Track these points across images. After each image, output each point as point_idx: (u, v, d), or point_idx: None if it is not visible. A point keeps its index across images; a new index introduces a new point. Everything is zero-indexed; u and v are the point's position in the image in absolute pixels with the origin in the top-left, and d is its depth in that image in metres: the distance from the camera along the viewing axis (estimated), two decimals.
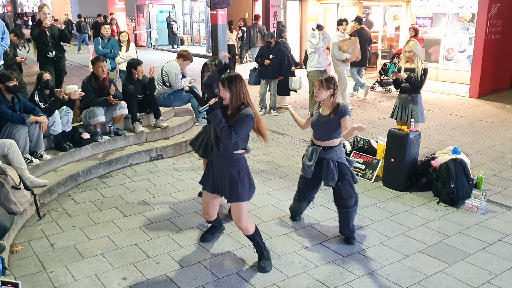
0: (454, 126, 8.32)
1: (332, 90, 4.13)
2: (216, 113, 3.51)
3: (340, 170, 4.18)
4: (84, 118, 6.40)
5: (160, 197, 5.38)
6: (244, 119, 3.52)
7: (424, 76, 5.88)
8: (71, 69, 14.44)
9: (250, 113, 3.54)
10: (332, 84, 4.13)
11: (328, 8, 15.06)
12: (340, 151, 4.23)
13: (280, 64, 9.02)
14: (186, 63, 7.85)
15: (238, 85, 3.55)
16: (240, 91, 3.55)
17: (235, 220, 3.83)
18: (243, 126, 3.53)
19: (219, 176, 3.74)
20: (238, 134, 3.52)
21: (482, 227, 4.62)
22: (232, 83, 3.54)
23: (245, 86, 3.62)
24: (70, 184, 5.61)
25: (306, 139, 7.58)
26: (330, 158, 4.15)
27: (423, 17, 12.43)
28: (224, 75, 3.61)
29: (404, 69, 5.99)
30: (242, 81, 3.60)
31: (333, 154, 4.17)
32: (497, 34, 10.58)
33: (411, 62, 5.96)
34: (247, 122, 3.54)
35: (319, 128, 4.23)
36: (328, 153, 4.17)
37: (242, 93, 3.57)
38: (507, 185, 5.63)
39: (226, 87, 3.54)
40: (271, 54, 8.96)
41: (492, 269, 3.88)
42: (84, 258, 4.07)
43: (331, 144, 4.19)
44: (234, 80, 3.56)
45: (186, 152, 7.00)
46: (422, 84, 5.93)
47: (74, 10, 31.06)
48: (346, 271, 3.87)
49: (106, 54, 8.58)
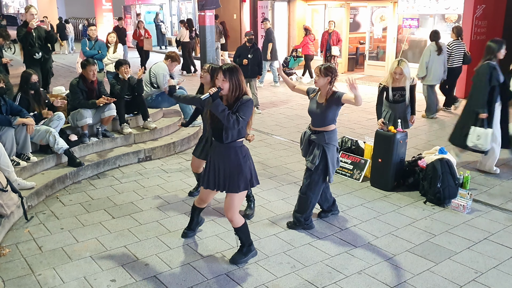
0: (441, 126, 8.41)
1: (329, 78, 4.26)
2: (218, 102, 3.54)
3: (321, 159, 4.36)
4: (72, 120, 6.36)
5: (148, 198, 5.36)
6: (246, 103, 3.60)
7: (414, 91, 5.85)
8: (58, 71, 14.32)
9: (249, 98, 3.65)
10: (330, 72, 4.27)
11: (316, 9, 15.13)
12: (329, 137, 4.36)
13: (258, 63, 9.32)
14: (174, 64, 7.83)
15: (239, 77, 3.62)
16: (241, 82, 3.63)
17: (226, 209, 3.86)
18: (247, 110, 3.61)
19: (219, 169, 3.75)
20: (245, 118, 3.58)
21: (468, 226, 4.69)
22: (234, 74, 3.60)
23: (243, 78, 3.69)
24: (57, 186, 5.57)
25: (294, 139, 7.62)
26: (318, 142, 4.37)
27: (410, 18, 12.55)
28: (224, 66, 3.65)
29: (392, 88, 5.87)
30: (241, 73, 3.68)
31: (321, 138, 4.36)
32: (483, 35, 10.73)
33: (398, 84, 5.77)
34: (249, 106, 3.63)
35: (314, 114, 4.42)
36: (317, 136, 4.38)
37: (242, 84, 3.65)
38: (492, 185, 5.72)
39: (226, 78, 3.58)
40: (250, 54, 9.21)
41: (478, 268, 3.94)
42: (72, 261, 4.04)
43: (322, 130, 4.38)
44: (234, 71, 3.62)
45: (175, 154, 6.99)
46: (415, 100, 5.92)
47: (61, 11, 30.80)
48: (335, 270, 3.91)
49: (94, 55, 8.53)
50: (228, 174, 3.72)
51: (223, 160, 3.73)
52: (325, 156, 4.36)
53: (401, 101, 5.83)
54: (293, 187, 5.67)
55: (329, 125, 4.37)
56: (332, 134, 4.40)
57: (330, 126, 4.38)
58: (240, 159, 3.71)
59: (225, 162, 3.72)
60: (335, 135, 4.45)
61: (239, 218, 3.89)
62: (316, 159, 4.35)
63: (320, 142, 4.36)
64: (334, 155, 4.43)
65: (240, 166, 3.70)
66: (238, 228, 3.91)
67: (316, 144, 4.40)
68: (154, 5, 23.32)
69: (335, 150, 4.44)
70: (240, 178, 3.71)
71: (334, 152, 4.42)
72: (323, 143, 4.35)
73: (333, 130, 4.41)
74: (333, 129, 4.41)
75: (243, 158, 3.73)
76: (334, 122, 4.40)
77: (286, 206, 5.14)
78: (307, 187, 4.47)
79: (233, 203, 3.80)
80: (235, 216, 3.85)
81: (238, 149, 3.72)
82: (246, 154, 3.78)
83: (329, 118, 4.34)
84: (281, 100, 10.78)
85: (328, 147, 4.36)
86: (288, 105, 10.20)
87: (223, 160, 3.73)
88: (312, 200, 4.51)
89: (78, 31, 26.96)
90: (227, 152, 3.71)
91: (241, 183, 3.73)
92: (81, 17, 29.15)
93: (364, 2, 14.09)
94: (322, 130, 4.38)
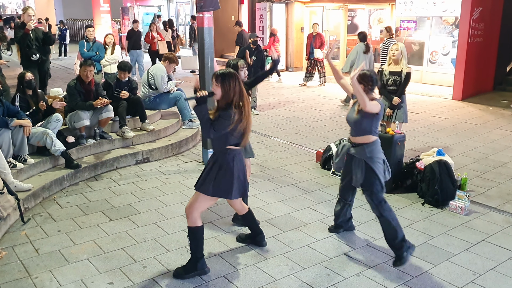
0: (438, 128, 8.43)
1: (362, 86, 3.89)
2: (201, 107, 3.45)
3: (366, 176, 3.98)
4: (69, 121, 6.34)
5: (146, 200, 5.35)
6: (223, 116, 3.48)
7: (408, 79, 5.98)
8: (56, 72, 14.31)
9: (228, 112, 3.47)
10: (364, 80, 3.93)
11: (314, 11, 15.15)
12: (371, 150, 3.97)
13: (262, 65, 9.30)
14: (172, 66, 7.84)
15: (231, 83, 3.48)
16: (230, 90, 3.47)
17: (188, 204, 3.73)
18: (219, 123, 3.48)
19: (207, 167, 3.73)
20: (215, 130, 3.49)
21: (466, 227, 4.69)
22: (225, 80, 3.47)
23: (240, 85, 3.54)
24: (55, 188, 5.55)
25: (293, 141, 7.62)
26: (359, 157, 3.99)
27: (408, 20, 12.59)
28: (219, 71, 3.54)
29: (388, 71, 6.07)
30: (236, 80, 3.51)
31: (362, 153, 3.98)
32: (480, 37, 10.76)
33: (395, 64, 6.03)
34: (225, 119, 3.47)
35: (350, 123, 4.10)
36: (357, 150, 4.02)
37: (233, 92, 3.48)
38: (490, 186, 5.73)
39: (218, 83, 3.49)
40: (253, 56, 9.22)
41: (476, 269, 3.94)
42: (69, 263, 4.02)
43: (361, 141, 4.02)
44: (227, 77, 3.48)
45: (173, 155, 6.97)
46: (406, 86, 6.03)
47: (58, 12, 30.78)
48: (333, 272, 3.90)
49: (91, 57, 8.52)
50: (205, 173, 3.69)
51: (212, 160, 3.71)
52: (370, 171, 3.95)
53: (394, 91, 5.95)
54: (291, 189, 5.66)
55: (365, 135, 3.98)
56: (374, 147, 3.98)
57: (369, 137, 3.98)
58: (222, 166, 3.62)
59: (214, 163, 3.69)
60: (378, 147, 4.02)
61: (196, 218, 3.70)
62: (359, 177, 3.98)
63: (361, 156, 3.97)
64: (380, 169, 3.98)
65: (219, 172, 3.62)
66: (190, 228, 3.73)
67: (357, 160, 4.01)
68: (153, 7, 23.30)
69: (380, 164, 3.98)
70: (215, 183, 3.62)
71: (379, 167, 3.97)
72: (365, 158, 3.95)
73: (374, 142, 4.00)
74: (374, 141, 4.00)
75: (226, 166, 3.62)
76: (374, 134, 3.99)
77: (285, 208, 5.13)
78: (376, 208, 4.01)
79: (195, 200, 3.69)
80: (193, 213, 3.68)
81: (224, 155, 3.63)
82: (228, 163, 3.62)
83: (364, 127, 3.95)
84: (280, 101, 10.78)
85: (373, 162, 3.94)
86: (286, 107, 10.20)
87: (212, 160, 3.72)
88: (393, 220, 3.97)
89: (77, 33, 26.97)
90: (217, 156, 3.68)
91: (213, 188, 3.62)
92: (79, 18, 29.12)
93: (362, 4, 14.13)
94: (362, 142, 4.00)
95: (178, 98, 7.79)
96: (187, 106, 7.82)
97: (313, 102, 10.77)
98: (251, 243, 4.32)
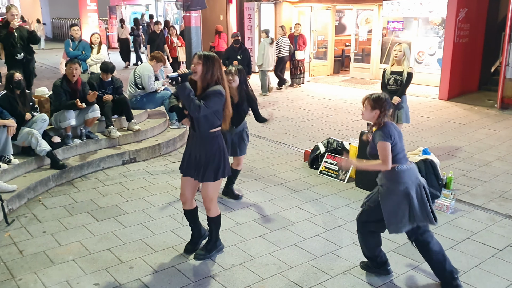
0: (424, 127, 8.50)
1: (378, 111, 3.48)
2: (185, 85, 3.47)
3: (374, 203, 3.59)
4: (55, 121, 6.28)
5: (133, 201, 5.31)
6: (213, 92, 3.52)
7: (409, 79, 6.01)
8: (41, 72, 14.15)
9: (219, 89, 3.55)
10: (378, 104, 3.47)
11: (302, 11, 15.18)
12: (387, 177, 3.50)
13: (248, 63, 9.28)
14: (159, 65, 7.80)
15: (215, 63, 3.56)
16: (215, 69, 3.55)
17: (203, 199, 3.94)
18: (212, 99, 3.51)
19: (195, 158, 3.78)
20: (208, 106, 3.49)
21: (451, 225, 4.73)
22: (209, 59, 3.54)
23: (222, 71, 3.63)
24: (40, 189, 5.49)
25: (281, 141, 7.63)
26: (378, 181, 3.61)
27: (395, 20, 12.69)
28: (203, 52, 3.64)
29: (390, 71, 6.09)
30: (219, 63, 3.61)
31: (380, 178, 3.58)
32: (465, 37, 10.88)
33: (398, 64, 6.06)
34: (217, 96, 3.53)
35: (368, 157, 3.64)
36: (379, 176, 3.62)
37: (218, 72, 3.56)
38: (475, 185, 5.79)
39: (201, 60, 3.52)
40: (238, 55, 9.17)
41: (460, 267, 3.97)
42: (54, 265, 3.98)
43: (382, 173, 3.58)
44: (212, 57, 3.57)
45: (160, 155, 6.94)
46: (407, 87, 6.06)
47: (44, 11, 30.41)
48: (320, 271, 3.91)
49: (77, 56, 8.43)
50: (203, 163, 3.75)
51: (198, 149, 3.75)
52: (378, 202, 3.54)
53: (395, 91, 5.96)
54: (279, 188, 5.67)
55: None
56: (392, 175, 3.47)
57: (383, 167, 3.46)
58: (213, 149, 3.73)
59: (200, 152, 3.74)
60: (397, 176, 3.46)
61: (216, 208, 3.97)
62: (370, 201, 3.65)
63: (379, 182, 3.60)
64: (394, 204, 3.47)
65: (214, 155, 3.74)
66: (212, 218, 3.98)
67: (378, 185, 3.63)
68: (140, 6, 23.15)
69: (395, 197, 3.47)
70: (212, 168, 3.75)
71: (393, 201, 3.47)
72: (379, 185, 3.58)
73: (393, 170, 3.46)
74: (393, 169, 3.45)
75: (216, 148, 3.75)
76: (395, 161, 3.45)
77: (273, 207, 5.14)
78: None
79: (207, 193, 3.87)
80: (212, 205, 3.93)
81: (211, 139, 3.73)
82: (219, 145, 3.77)
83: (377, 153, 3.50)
84: (268, 101, 10.78)
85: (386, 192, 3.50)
86: (275, 107, 10.20)
87: (198, 149, 3.76)
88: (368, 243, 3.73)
89: (64, 33, 26.71)
90: (202, 141, 3.73)
91: (213, 172, 3.76)
92: (65, 17, 28.83)
93: (350, 5, 14.20)
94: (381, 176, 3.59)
95: (165, 97, 7.76)
96: None
97: (301, 102, 10.80)
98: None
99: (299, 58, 12.34)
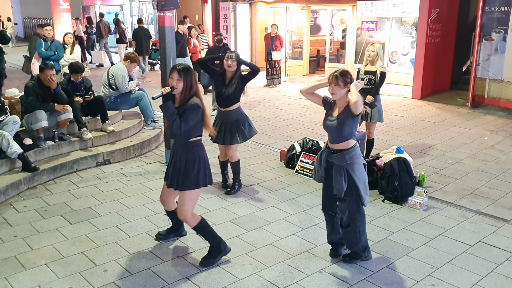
0: (398, 126, 8.65)
1: (349, 86, 3.71)
2: (168, 104, 3.63)
3: (348, 184, 3.77)
4: (26, 123, 6.13)
5: (107, 203, 5.24)
6: (191, 107, 3.66)
7: (383, 79, 6.08)
8: (12, 72, 13.81)
9: (197, 102, 3.70)
10: (348, 77, 3.72)
11: (277, 11, 15.24)
12: (350, 156, 3.76)
13: None
14: (133, 65, 7.71)
15: (192, 77, 3.70)
16: (193, 83, 3.71)
17: (179, 210, 3.91)
18: (191, 115, 3.66)
19: (174, 164, 3.82)
20: (188, 123, 3.65)
21: (425, 223, 4.83)
22: (188, 75, 3.68)
23: (196, 78, 3.77)
24: (11, 193, 5.35)
25: (258, 141, 7.64)
26: (338, 163, 3.78)
27: (368, 21, 12.86)
28: (179, 66, 3.72)
29: (364, 71, 6.15)
30: (195, 75, 3.77)
31: (341, 159, 3.77)
32: (437, 38, 11.11)
33: (371, 64, 6.13)
34: (195, 110, 3.68)
35: (329, 130, 3.85)
36: (337, 157, 3.79)
37: (195, 85, 3.73)
38: (447, 182, 5.92)
39: (181, 78, 3.66)
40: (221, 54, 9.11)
41: (433, 263, 4.06)
42: (26, 269, 3.89)
43: (341, 147, 3.79)
44: (189, 72, 3.70)
45: (135, 157, 6.86)
46: (380, 86, 6.13)
47: (15, 10, 29.73)
48: (296, 270, 3.93)
49: (50, 56, 8.28)
50: (182, 171, 3.78)
51: (179, 156, 3.81)
52: (351, 179, 3.75)
53: (369, 90, 6.03)
54: (255, 188, 5.68)
55: (347, 140, 3.77)
56: (354, 152, 3.78)
57: (349, 142, 3.78)
58: (192, 157, 3.78)
59: (181, 159, 3.80)
60: (357, 151, 3.82)
61: (193, 217, 3.92)
62: (342, 185, 3.75)
63: (341, 163, 3.76)
64: (361, 174, 3.80)
65: (193, 164, 3.77)
66: (195, 227, 3.96)
67: (337, 167, 3.78)
68: (114, 6, 22.86)
69: (362, 169, 3.82)
70: (191, 176, 3.76)
71: (361, 171, 3.80)
72: (344, 164, 3.76)
73: (353, 146, 3.79)
74: (354, 146, 3.80)
75: (195, 157, 3.79)
76: (353, 137, 3.80)
77: (249, 207, 5.14)
78: (348, 219, 3.88)
79: (184, 202, 3.85)
80: (188, 216, 3.89)
81: (192, 148, 3.80)
82: (199, 154, 3.81)
83: (346, 132, 3.74)
84: (245, 101, 10.74)
85: (352, 167, 3.75)
86: (251, 107, 10.21)
87: (179, 156, 3.81)
88: (360, 229, 3.91)
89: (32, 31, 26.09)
90: (183, 150, 3.80)
91: (192, 181, 3.77)
92: (37, 17, 28.21)
93: (325, 5, 14.32)
94: (341, 148, 3.78)
95: (140, 98, 7.67)
96: (149, 106, 7.72)
97: (278, 102, 10.84)
98: (175, 237, 4.41)
99: (275, 58, 12.35)
